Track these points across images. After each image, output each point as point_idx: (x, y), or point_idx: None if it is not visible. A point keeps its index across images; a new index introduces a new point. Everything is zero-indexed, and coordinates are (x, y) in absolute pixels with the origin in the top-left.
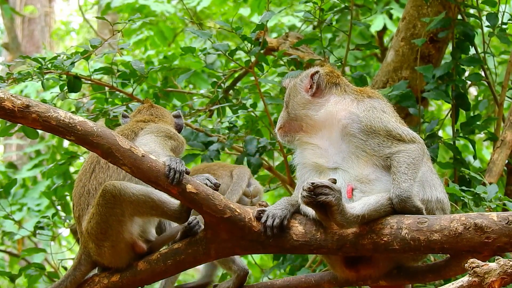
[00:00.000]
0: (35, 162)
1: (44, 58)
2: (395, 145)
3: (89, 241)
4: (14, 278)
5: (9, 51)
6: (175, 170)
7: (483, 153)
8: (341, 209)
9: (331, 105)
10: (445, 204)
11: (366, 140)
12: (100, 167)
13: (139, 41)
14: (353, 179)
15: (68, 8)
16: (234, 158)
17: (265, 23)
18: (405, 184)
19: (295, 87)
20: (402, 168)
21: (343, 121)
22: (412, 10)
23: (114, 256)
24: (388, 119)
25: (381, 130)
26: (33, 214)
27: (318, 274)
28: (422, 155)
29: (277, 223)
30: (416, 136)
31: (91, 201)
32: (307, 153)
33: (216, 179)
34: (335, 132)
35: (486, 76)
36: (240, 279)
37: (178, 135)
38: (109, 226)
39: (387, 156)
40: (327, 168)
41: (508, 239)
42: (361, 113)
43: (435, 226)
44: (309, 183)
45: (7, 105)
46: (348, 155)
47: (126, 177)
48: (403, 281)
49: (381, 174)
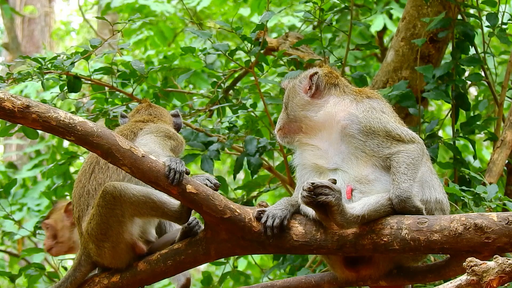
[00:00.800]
0: (35, 162)
1: (44, 58)
2: (395, 146)
3: (89, 242)
4: (14, 278)
5: (9, 51)
6: (175, 171)
7: (483, 153)
8: (341, 209)
9: (330, 106)
10: (444, 205)
11: (365, 141)
12: (100, 167)
13: (139, 41)
14: (353, 179)
15: (68, 8)
16: (234, 158)
17: (265, 23)
18: (405, 185)
19: (294, 88)
20: (402, 168)
21: (342, 122)
22: (412, 10)
23: (114, 257)
24: (387, 119)
25: (380, 130)
26: (33, 214)
27: (318, 275)
28: (421, 155)
29: (277, 224)
30: (416, 136)
31: (91, 201)
32: (306, 154)
33: (216, 179)
34: (335, 133)
35: (486, 76)
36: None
37: (177, 135)
38: (109, 227)
39: (387, 157)
40: (327, 169)
41: (508, 240)
42: (360, 113)
43: (435, 227)
44: (309, 183)
45: (7, 106)
46: (348, 156)
47: (126, 177)
48: (403, 281)
49: (380, 174)
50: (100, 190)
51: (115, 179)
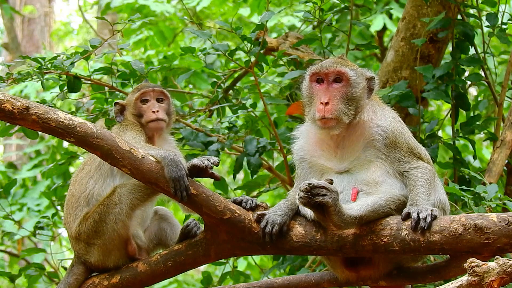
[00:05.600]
0: (35, 162)
1: (44, 58)
2: (415, 161)
3: (79, 242)
4: (14, 278)
5: (9, 51)
6: (181, 191)
7: (483, 153)
8: (338, 210)
9: (367, 112)
10: (445, 205)
11: (388, 154)
12: (74, 181)
13: (139, 41)
14: (359, 182)
15: (68, 8)
16: (234, 158)
17: (265, 23)
18: (422, 200)
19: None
20: (420, 182)
21: (371, 134)
22: (412, 10)
23: (105, 254)
24: (409, 134)
25: (404, 146)
26: (33, 214)
27: (318, 274)
28: (434, 175)
29: (276, 230)
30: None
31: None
32: (315, 153)
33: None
34: (359, 141)
35: (486, 76)
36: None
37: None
38: (105, 225)
39: (406, 170)
40: (334, 172)
41: (508, 240)
42: (388, 126)
43: (435, 227)
44: (306, 184)
45: (6, 107)
46: (363, 162)
47: (105, 188)
48: (403, 281)
49: (388, 177)
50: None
51: (97, 189)
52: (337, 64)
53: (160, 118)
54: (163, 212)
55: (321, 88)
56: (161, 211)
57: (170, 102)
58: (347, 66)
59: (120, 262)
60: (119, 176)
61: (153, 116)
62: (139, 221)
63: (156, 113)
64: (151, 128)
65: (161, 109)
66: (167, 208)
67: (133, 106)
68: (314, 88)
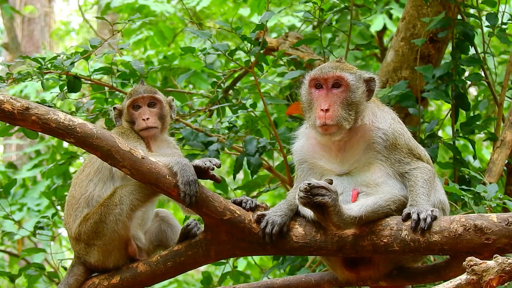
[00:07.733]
0: (35, 162)
1: (44, 58)
2: (414, 162)
3: (79, 243)
4: (14, 278)
5: (8, 51)
6: (190, 195)
7: (483, 153)
8: (338, 210)
9: (368, 115)
10: (445, 205)
11: (388, 156)
12: (75, 183)
13: (139, 41)
14: (360, 184)
15: (68, 8)
16: (234, 158)
17: (265, 23)
18: (422, 201)
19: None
20: (420, 182)
21: (371, 137)
22: (412, 10)
23: (105, 254)
24: (408, 135)
25: (404, 147)
26: (33, 214)
27: (318, 274)
28: (434, 176)
29: (276, 231)
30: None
31: (78, 210)
32: (316, 154)
33: (218, 160)
34: (359, 144)
35: (486, 76)
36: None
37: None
38: (105, 225)
39: (406, 171)
40: (334, 174)
41: (508, 240)
42: (388, 128)
43: (435, 227)
44: (306, 184)
45: (6, 108)
46: (364, 164)
47: (105, 190)
48: (403, 282)
49: (388, 178)
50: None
51: (97, 191)
52: (336, 69)
53: (150, 126)
54: (164, 214)
55: (320, 94)
56: (162, 213)
57: (163, 105)
58: (346, 70)
59: (120, 263)
60: (119, 179)
61: (143, 124)
62: (140, 223)
63: (146, 121)
64: (143, 136)
65: (153, 115)
66: (167, 210)
67: (126, 113)
68: (313, 93)
